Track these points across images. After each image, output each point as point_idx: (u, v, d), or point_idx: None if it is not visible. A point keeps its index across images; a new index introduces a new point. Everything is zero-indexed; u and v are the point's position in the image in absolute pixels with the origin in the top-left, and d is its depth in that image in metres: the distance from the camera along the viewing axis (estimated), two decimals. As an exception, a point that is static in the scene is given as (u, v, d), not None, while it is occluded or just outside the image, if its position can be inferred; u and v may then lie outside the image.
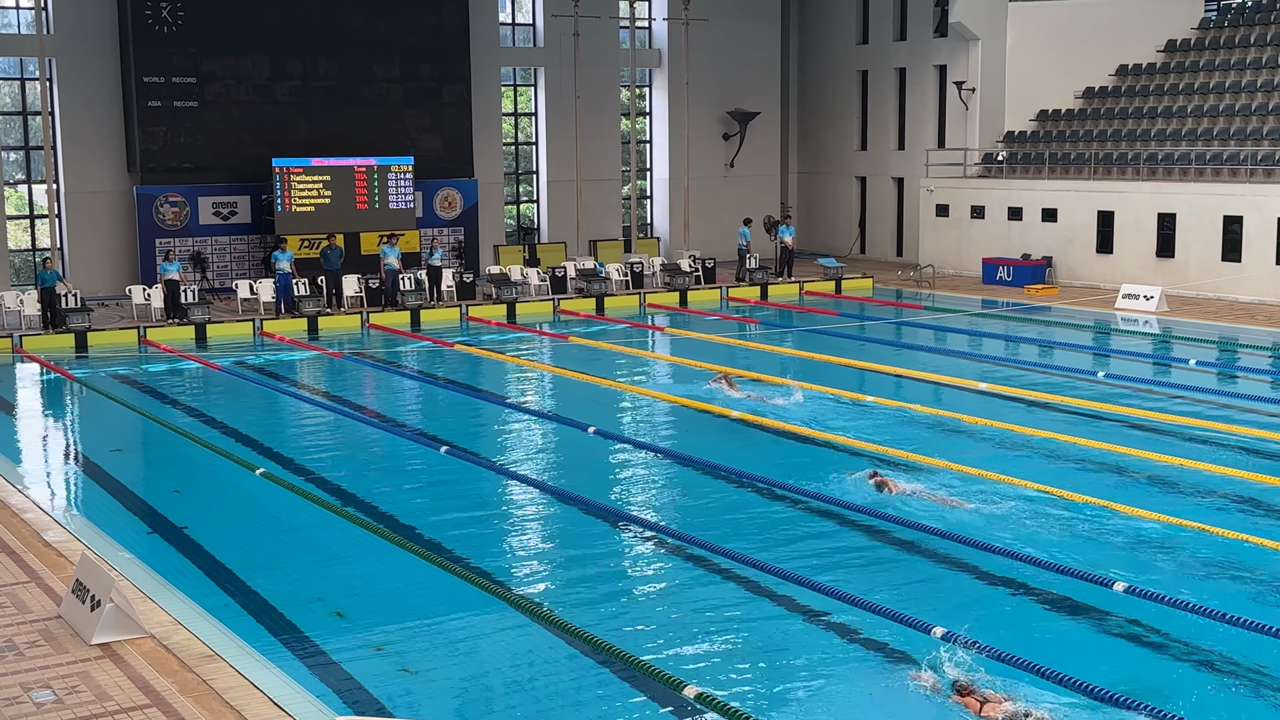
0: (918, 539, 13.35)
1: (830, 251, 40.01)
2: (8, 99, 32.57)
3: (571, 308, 30.81)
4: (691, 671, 10.23)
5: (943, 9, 37.80)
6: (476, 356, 25.37)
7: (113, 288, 31.70)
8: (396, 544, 13.42)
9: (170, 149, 31.86)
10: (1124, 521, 13.78)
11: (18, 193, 33.19)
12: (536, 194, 39.05)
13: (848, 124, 41.56)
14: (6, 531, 13.56)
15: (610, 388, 21.66)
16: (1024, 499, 14.58)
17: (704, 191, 39.44)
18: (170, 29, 31.48)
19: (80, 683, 9.79)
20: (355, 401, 21.78)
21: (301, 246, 31.43)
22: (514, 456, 17.81)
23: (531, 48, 38.03)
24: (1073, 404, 19.72)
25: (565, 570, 12.92)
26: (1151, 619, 11.24)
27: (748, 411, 19.17)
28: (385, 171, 33.10)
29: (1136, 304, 29.18)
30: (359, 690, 10.06)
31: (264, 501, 15.31)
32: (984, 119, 36.93)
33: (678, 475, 16.49)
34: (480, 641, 11.11)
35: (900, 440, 17.29)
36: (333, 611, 11.77)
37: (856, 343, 26.35)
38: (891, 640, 10.79)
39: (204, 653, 10.36)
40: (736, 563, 12.64)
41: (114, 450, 18.35)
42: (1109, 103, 36.28)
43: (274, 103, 32.96)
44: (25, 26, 31.58)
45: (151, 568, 12.72)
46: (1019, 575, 12.32)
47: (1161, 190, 31.70)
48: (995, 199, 35.18)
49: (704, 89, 39.09)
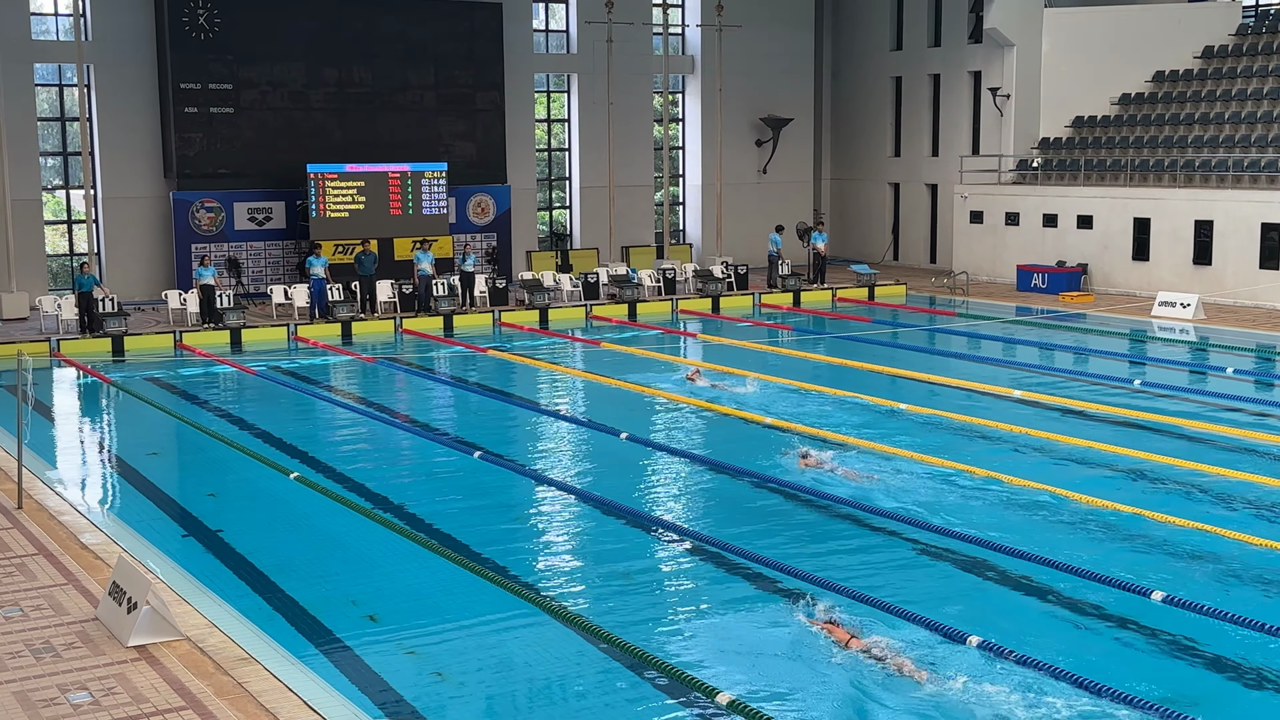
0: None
1: (863, 258, 39.91)
2: (46, 105, 32.88)
3: (604, 314, 30.83)
4: (725, 677, 10.21)
5: (978, 15, 37.65)
6: (509, 362, 25.42)
7: (149, 292, 31.95)
8: (429, 548, 13.46)
9: (206, 155, 32.09)
10: (1156, 528, 13.69)
11: (56, 198, 33.50)
12: (569, 200, 39.11)
13: (881, 130, 41.45)
14: (44, 534, 13.67)
15: (642, 393, 21.65)
16: (1040, 501, 14.50)
17: (736, 197, 39.41)
18: (207, 36, 31.73)
19: (117, 684, 9.84)
20: (388, 406, 21.86)
21: (336, 252, 31.59)
22: (546, 462, 17.82)
23: (565, 54, 38.11)
24: (1107, 411, 19.58)
25: (598, 576, 12.90)
26: (1192, 631, 11.15)
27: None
28: (419, 177, 33.23)
29: (1173, 312, 28.95)
30: (391, 693, 10.09)
31: (298, 505, 15.38)
32: (1019, 125, 36.75)
33: (710, 481, 16.45)
34: (512, 646, 11.11)
35: (932, 447, 17.23)
36: (366, 615, 11.80)
37: (889, 349, 26.25)
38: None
39: (239, 655, 10.41)
40: (769, 568, 12.60)
41: (150, 453, 18.47)
42: (1145, 109, 36.02)
43: (309, 109, 33.15)
44: (64, 33, 31.89)
45: (187, 570, 12.80)
46: (1051, 581, 12.25)
47: (1198, 197, 31.45)
48: (1030, 206, 35.00)
49: (737, 95, 39.06)
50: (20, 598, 11.70)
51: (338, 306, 28.80)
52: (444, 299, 29.74)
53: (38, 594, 11.80)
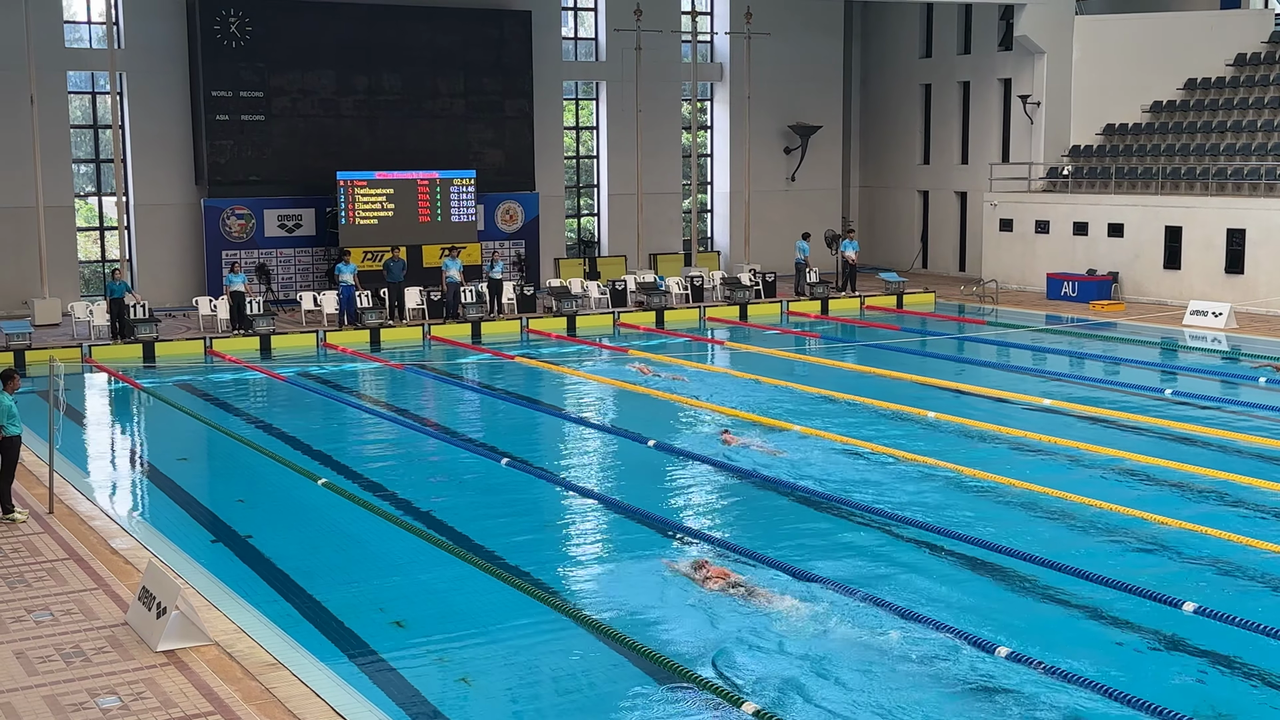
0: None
1: (892, 266, 39.79)
2: (79, 113, 33.15)
3: (631, 321, 30.83)
4: (752, 688, 10.17)
5: (1008, 23, 37.51)
6: (536, 369, 25.44)
7: (180, 299, 32.15)
8: (456, 555, 13.47)
9: (237, 162, 32.28)
10: (1188, 538, 13.59)
11: (88, 205, 33.77)
12: (597, 207, 39.14)
13: (910, 138, 41.34)
14: (75, 539, 13.76)
15: (670, 401, 21.62)
16: (1061, 508, 14.41)
17: (765, 205, 39.36)
18: (238, 44, 31.93)
19: (146, 689, 9.89)
20: (416, 413, 21.90)
21: (364, 259, 31.71)
22: (574, 469, 17.81)
23: (593, 62, 38.17)
24: (1138, 420, 19.44)
25: (624, 583, 12.84)
26: (1227, 646, 11.05)
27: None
28: (448, 185, 33.33)
29: (1205, 321, 28.74)
30: (418, 699, 10.10)
31: (326, 511, 15.42)
32: (1049, 133, 36.58)
33: (738, 489, 16.41)
34: (538, 652, 11.10)
35: (965, 457, 17.15)
36: (393, 621, 11.82)
37: (918, 358, 26.15)
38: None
39: (267, 661, 10.45)
40: (795, 579, 12.56)
41: (180, 459, 18.55)
42: (1177, 117, 35.80)
43: (339, 117, 33.31)
44: (97, 41, 32.15)
45: (216, 576, 12.85)
46: (1094, 596, 12.18)
47: (1231, 205, 31.22)
48: (1060, 214, 34.82)
49: (765, 102, 39.03)
50: (50, 602, 11.77)
51: (366, 313, 28.90)
52: (472, 306, 29.80)
53: (68, 599, 11.87)
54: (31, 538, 13.78)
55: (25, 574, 12.57)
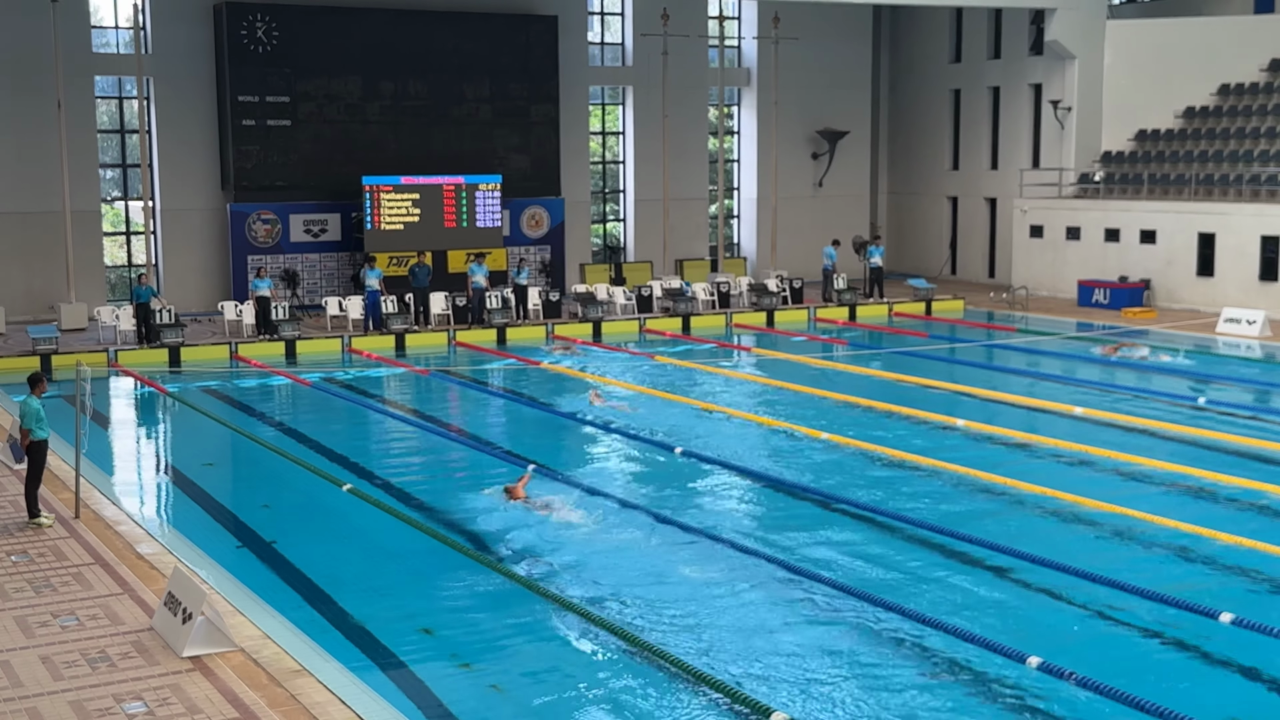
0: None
1: (920, 272, 39.54)
2: (106, 118, 33.25)
3: (657, 327, 30.70)
4: (782, 697, 10.01)
5: (1038, 27, 37.25)
6: (562, 375, 25.32)
7: (206, 304, 32.17)
8: (482, 562, 13.35)
9: (263, 167, 32.30)
10: (1221, 547, 13.38)
11: (115, 209, 33.86)
12: (623, 213, 39.04)
13: (939, 143, 41.09)
14: (100, 544, 13.71)
15: (697, 408, 21.47)
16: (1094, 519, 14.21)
17: (792, 211, 39.17)
18: (265, 49, 31.95)
19: (171, 695, 9.81)
20: (441, 419, 21.82)
21: (390, 264, 31.66)
22: (600, 476, 17.63)
23: (620, 67, 38.08)
24: (1170, 429, 19.20)
25: (653, 592, 12.69)
26: (1263, 657, 10.84)
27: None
28: (473, 190, 33.28)
29: (1238, 329, 28.42)
30: (444, 707, 9.98)
31: (351, 517, 15.34)
32: (1080, 139, 36.29)
33: (766, 496, 16.26)
34: (566, 661, 10.98)
35: (985, 463, 16.96)
36: (420, 628, 11.70)
37: (947, 365, 25.92)
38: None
39: (292, 667, 10.35)
40: (831, 589, 12.40)
41: (205, 464, 18.52)
42: (1210, 122, 35.46)
43: (365, 122, 33.29)
44: (124, 46, 32.23)
45: (241, 581, 12.79)
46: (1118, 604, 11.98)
47: (1265, 212, 30.87)
48: (1091, 220, 34.52)
49: (793, 108, 38.85)
50: (76, 607, 11.72)
51: (392, 319, 28.84)
52: (497, 311, 29.72)
53: (94, 603, 11.81)
54: (58, 542, 13.73)
55: (51, 579, 12.52)
